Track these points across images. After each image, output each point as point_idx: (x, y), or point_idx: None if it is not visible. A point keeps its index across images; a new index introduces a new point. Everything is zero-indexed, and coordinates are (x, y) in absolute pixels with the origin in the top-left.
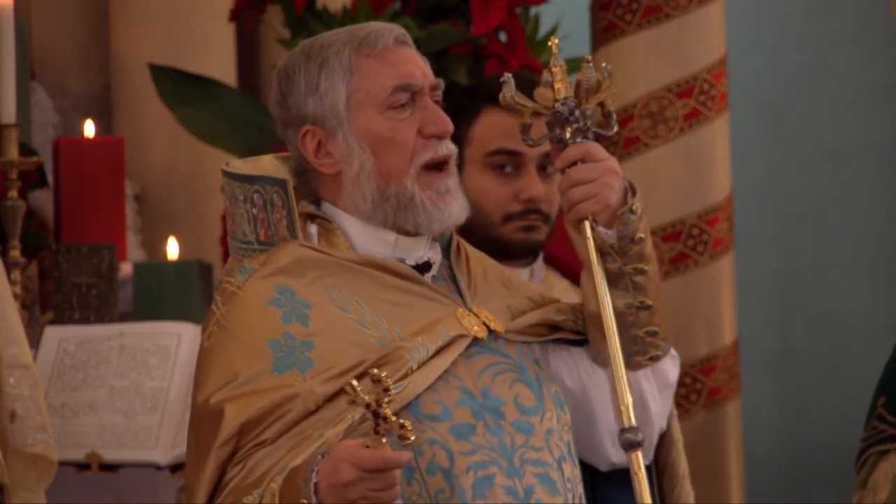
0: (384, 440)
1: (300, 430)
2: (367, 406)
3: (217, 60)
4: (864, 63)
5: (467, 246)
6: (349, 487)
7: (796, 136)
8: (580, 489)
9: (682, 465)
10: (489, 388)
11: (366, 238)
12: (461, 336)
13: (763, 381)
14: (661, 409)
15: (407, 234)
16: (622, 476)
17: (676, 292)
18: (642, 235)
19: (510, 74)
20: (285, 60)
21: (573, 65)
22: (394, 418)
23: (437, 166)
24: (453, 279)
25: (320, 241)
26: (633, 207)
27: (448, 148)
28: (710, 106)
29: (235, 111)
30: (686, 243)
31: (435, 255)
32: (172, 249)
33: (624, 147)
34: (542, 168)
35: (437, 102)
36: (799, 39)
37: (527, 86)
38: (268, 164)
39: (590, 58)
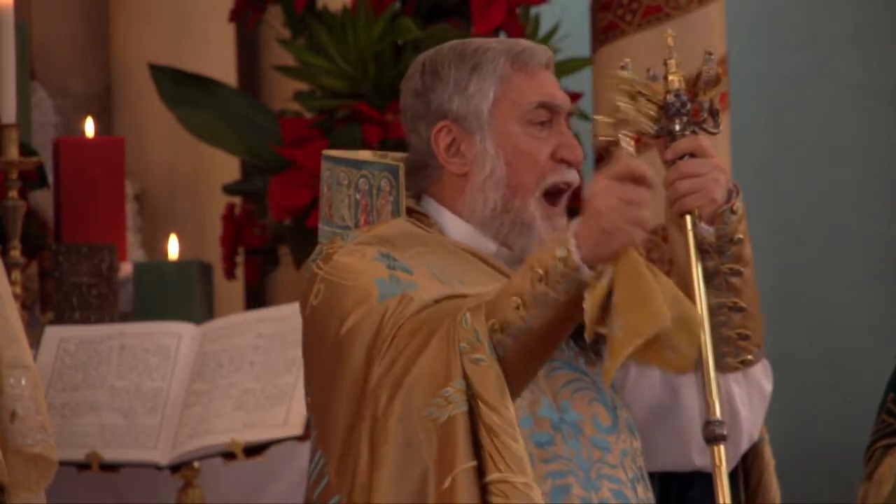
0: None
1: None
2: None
3: (217, 60)
4: (864, 63)
5: None
6: (603, 215)
7: (796, 136)
8: None
9: (774, 489)
10: (569, 403)
11: (467, 241)
12: None
13: None
14: (752, 416)
15: (509, 247)
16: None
17: None
18: (741, 237)
19: (628, 60)
20: (432, 55)
21: (573, 65)
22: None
23: (555, 196)
24: None
25: None
26: (734, 207)
27: (574, 176)
28: None
29: (235, 111)
30: None
31: None
32: (173, 248)
33: None
34: None
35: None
36: (799, 39)
37: None
38: (368, 157)
39: (711, 50)
